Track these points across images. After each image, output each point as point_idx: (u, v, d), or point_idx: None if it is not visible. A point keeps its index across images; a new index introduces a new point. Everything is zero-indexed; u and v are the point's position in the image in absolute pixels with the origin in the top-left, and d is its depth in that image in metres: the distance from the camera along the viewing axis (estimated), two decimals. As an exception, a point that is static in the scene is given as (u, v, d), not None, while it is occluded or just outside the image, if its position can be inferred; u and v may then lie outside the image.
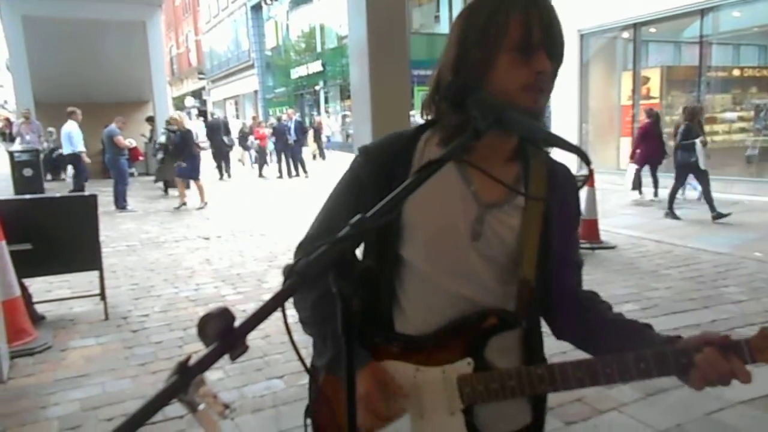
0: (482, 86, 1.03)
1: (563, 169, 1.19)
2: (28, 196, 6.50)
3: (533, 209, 1.11)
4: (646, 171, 10.37)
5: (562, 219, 1.15)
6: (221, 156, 16.94)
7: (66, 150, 11.72)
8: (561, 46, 1.07)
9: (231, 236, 8.23)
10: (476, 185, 1.09)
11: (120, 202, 11.24)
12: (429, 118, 1.14)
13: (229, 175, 16.99)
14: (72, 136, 11.41)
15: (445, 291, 1.10)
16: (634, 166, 10.45)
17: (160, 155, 12.94)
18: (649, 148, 10.20)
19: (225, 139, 17.19)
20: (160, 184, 14.00)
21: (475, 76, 1.03)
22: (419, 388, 1.10)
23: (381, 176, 1.10)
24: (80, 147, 11.59)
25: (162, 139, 13.11)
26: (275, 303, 0.63)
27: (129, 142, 12.18)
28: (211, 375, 3.64)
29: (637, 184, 10.50)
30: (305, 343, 1.14)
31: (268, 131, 18.64)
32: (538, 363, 1.13)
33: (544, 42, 1.03)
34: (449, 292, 1.10)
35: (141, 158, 14.07)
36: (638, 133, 10.66)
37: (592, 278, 5.69)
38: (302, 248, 1.19)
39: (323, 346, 1.14)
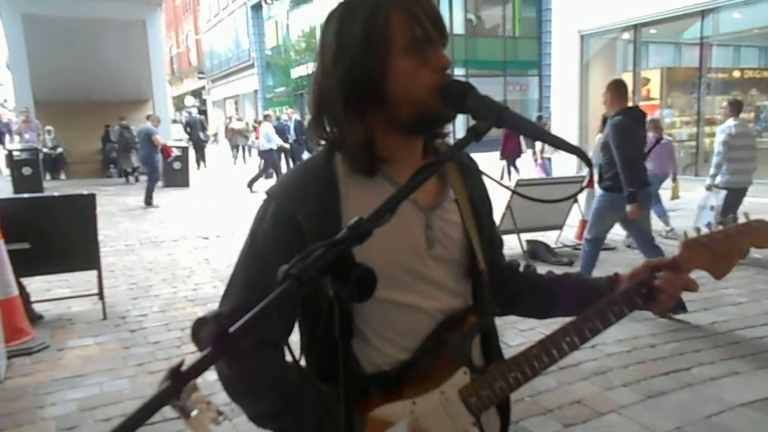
0: (382, 101, 0.98)
1: (464, 154, 1.16)
2: (26, 195, 6.49)
3: (463, 199, 1.11)
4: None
5: (482, 202, 1.16)
6: (197, 150, 19.15)
7: (263, 147, 13.89)
8: (447, 37, 1.02)
9: (230, 235, 8.22)
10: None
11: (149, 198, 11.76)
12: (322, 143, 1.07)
13: (205, 165, 19.34)
14: (270, 136, 13.81)
15: (415, 310, 1.03)
16: (503, 162, 13.42)
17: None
18: (511, 146, 12.76)
19: (201, 134, 19.19)
20: None
21: (369, 93, 0.97)
22: (422, 421, 1.01)
23: (316, 211, 0.99)
24: (277, 143, 14.11)
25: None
26: (271, 306, 0.62)
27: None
28: (210, 376, 3.62)
29: (506, 175, 13.27)
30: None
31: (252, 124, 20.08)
32: (497, 351, 1.14)
33: (437, 36, 0.98)
34: (419, 309, 1.04)
35: (172, 155, 14.20)
36: (504, 135, 12.72)
37: (591, 279, 5.66)
38: (231, 318, 1.01)
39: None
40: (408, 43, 0.96)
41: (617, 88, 4.71)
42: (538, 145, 12.78)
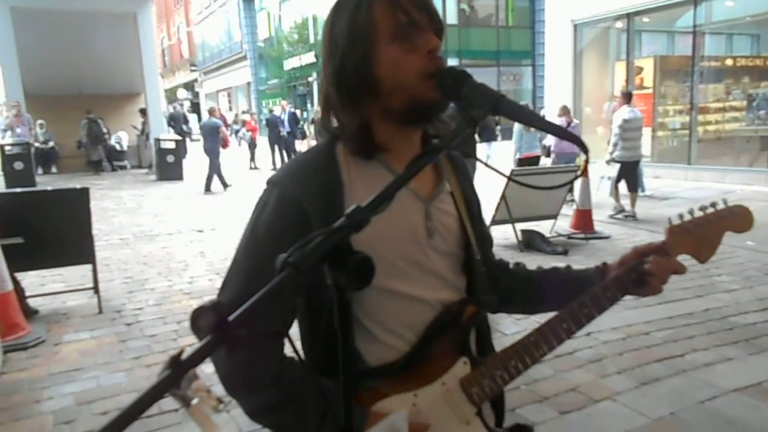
0: (375, 90, 0.98)
1: (456, 152, 1.18)
2: (19, 190, 6.44)
3: (457, 192, 1.12)
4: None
5: (472, 198, 1.17)
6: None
7: None
8: (441, 22, 1.01)
9: (225, 228, 8.21)
10: (412, 183, 0.86)
11: (223, 182, 12.54)
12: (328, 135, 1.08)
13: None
14: None
15: (417, 300, 1.04)
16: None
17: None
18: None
19: (183, 127, 19.42)
20: None
21: (360, 84, 0.98)
22: (423, 413, 1.01)
23: (320, 198, 0.98)
24: None
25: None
26: (269, 296, 0.62)
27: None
28: (207, 368, 3.63)
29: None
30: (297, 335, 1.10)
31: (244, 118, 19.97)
32: (489, 344, 1.14)
33: (424, 20, 0.98)
34: (421, 300, 1.04)
35: (228, 146, 14.25)
36: None
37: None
38: (231, 308, 0.90)
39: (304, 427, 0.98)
40: (393, 30, 0.97)
41: None
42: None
